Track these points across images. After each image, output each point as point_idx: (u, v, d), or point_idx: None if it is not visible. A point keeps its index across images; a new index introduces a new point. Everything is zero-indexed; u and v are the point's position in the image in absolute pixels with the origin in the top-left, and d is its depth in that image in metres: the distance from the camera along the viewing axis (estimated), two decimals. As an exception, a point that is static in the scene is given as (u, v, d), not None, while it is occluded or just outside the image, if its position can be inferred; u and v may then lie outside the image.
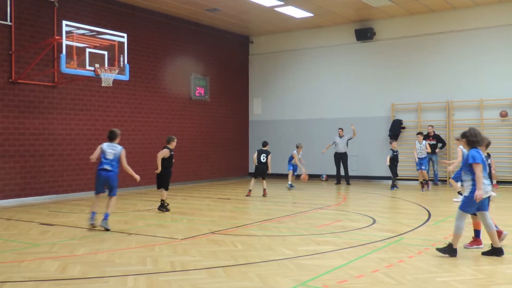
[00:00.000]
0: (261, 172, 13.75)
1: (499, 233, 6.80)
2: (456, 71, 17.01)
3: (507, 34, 16.24)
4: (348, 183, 17.17)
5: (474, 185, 6.38)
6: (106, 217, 8.57)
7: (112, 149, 8.73)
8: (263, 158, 13.70)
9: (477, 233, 6.98)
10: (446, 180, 16.95)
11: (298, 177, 16.44)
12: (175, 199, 13.42)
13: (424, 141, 15.32)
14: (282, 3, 15.85)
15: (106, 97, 15.16)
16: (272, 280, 5.46)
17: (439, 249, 6.58)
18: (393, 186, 15.60)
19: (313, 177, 19.38)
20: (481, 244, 6.87)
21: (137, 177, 9.04)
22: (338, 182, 17.43)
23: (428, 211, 10.71)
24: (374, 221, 9.38)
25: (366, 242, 7.43)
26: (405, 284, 5.29)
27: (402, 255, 6.60)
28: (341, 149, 17.16)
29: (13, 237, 8.10)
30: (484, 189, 6.38)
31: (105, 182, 8.69)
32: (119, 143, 8.98)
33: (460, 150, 11.33)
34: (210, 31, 19.04)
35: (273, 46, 20.71)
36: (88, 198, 13.19)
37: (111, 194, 8.77)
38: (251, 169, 20.80)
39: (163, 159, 10.95)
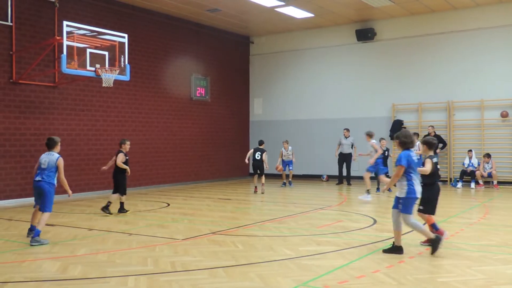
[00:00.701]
0: (258, 168, 14.71)
1: (440, 233, 6.90)
2: (456, 72, 17.01)
3: (508, 34, 16.23)
4: (349, 184, 17.17)
5: (408, 186, 6.58)
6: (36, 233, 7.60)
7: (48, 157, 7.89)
8: (257, 155, 14.70)
9: (434, 226, 7.12)
10: (446, 181, 16.95)
11: (299, 177, 16.44)
12: (175, 199, 13.43)
13: (417, 142, 14.22)
14: (282, 3, 15.85)
15: (107, 98, 15.17)
16: (273, 281, 5.46)
17: (385, 251, 6.77)
18: (378, 188, 14.68)
19: (314, 177, 19.39)
20: (443, 233, 6.91)
21: (70, 192, 8.09)
22: (340, 182, 17.43)
23: (428, 211, 10.68)
24: (375, 222, 9.38)
25: (367, 243, 7.42)
26: (405, 285, 5.29)
27: (403, 255, 6.60)
28: (346, 149, 17.12)
29: (14, 238, 8.11)
30: (418, 189, 6.62)
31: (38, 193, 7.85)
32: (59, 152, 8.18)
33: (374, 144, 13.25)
34: (211, 31, 19.04)
35: (274, 46, 20.72)
36: (88, 198, 13.20)
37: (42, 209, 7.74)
38: (252, 169, 20.80)
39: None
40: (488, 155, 15.65)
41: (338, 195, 14.57)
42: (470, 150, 16.13)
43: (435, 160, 7.14)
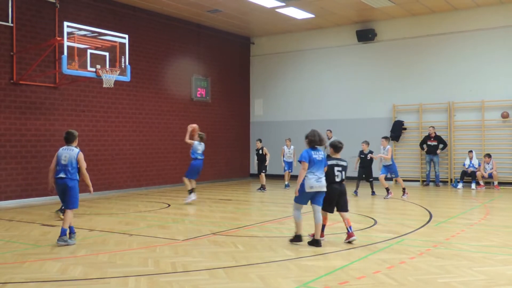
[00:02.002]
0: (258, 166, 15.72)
1: (350, 236, 7.42)
2: (457, 72, 17.01)
3: (508, 35, 16.23)
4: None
5: (303, 180, 7.19)
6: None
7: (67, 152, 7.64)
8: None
9: (322, 228, 7.56)
10: (447, 181, 16.94)
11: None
12: (176, 200, 13.43)
13: (388, 146, 13.73)
14: (283, 4, 15.85)
15: (108, 98, 15.17)
16: (274, 281, 5.46)
17: (291, 240, 7.41)
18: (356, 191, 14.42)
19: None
20: (353, 236, 7.42)
21: (91, 189, 7.85)
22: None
23: (429, 212, 10.70)
24: (375, 222, 9.38)
25: (368, 243, 7.42)
26: (406, 285, 5.29)
27: (404, 256, 6.60)
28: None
29: (15, 238, 8.11)
30: (309, 184, 7.14)
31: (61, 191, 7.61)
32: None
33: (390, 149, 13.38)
34: (211, 32, 19.05)
35: (274, 47, 20.72)
36: (89, 199, 13.19)
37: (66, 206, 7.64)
38: (252, 170, 20.80)
39: None
40: (488, 156, 15.65)
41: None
42: (471, 151, 16.13)
43: (332, 162, 7.58)
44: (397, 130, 17.74)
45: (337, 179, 7.52)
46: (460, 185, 15.84)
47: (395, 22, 18.06)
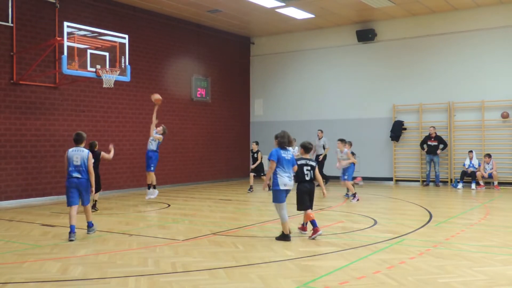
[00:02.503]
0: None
1: (315, 231, 7.75)
2: (457, 72, 17.01)
3: (509, 35, 16.23)
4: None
5: (274, 179, 7.58)
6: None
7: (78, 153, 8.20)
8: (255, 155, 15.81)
9: (313, 223, 7.82)
10: (447, 181, 16.95)
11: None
12: (176, 200, 13.43)
13: (345, 150, 13.11)
14: (283, 4, 15.85)
15: (108, 98, 15.18)
16: (274, 281, 5.46)
17: (277, 238, 7.68)
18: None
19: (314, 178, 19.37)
20: (319, 230, 7.74)
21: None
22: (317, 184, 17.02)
23: (429, 212, 10.70)
24: (376, 222, 9.38)
25: (368, 243, 7.42)
26: (406, 286, 5.29)
27: (404, 256, 6.60)
28: (319, 151, 16.82)
29: (15, 238, 8.11)
30: (282, 181, 7.53)
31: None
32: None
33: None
34: (211, 32, 19.05)
35: (274, 47, 20.72)
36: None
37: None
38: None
39: None
40: (488, 156, 15.65)
41: (339, 196, 14.55)
42: (471, 151, 16.13)
43: (301, 162, 7.93)
44: (397, 130, 17.75)
45: (307, 178, 7.91)
46: (460, 185, 15.84)
47: (395, 22, 18.06)
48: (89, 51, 11.98)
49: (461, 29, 16.92)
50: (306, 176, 7.90)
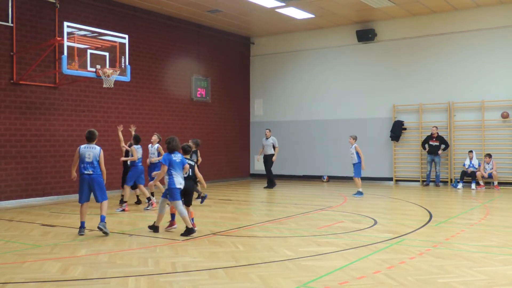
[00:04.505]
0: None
1: (171, 224, 8.65)
2: (457, 72, 17.00)
3: (509, 35, 16.23)
4: (271, 186, 16.36)
5: (169, 179, 8.20)
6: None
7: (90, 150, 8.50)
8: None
9: (172, 216, 8.67)
10: (447, 181, 16.94)
11: (300, 177, 16.33)
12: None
13: (353, 145, 13.70)
14: (283, 4, 15.85)
15: (107, 98, 15.17)
16: (273, 281, 5.46)
17: (182, 234, 8.16)
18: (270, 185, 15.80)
19: (314, 178, 19.38)
20: (175, 224, 8.64)
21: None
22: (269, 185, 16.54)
23: (429, 212, 10.70)
24: (375, 222, 9.38)
25: (368, 243, 7.42)
26: (406, 285, 5.29)
27: (404, 256, 6.60)
28: (268, 150, 16.35)
29: (15, 238, 8.11)
30: (178, 181, 8.22)
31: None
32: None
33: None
34: (211, 32, 19.05)
35: (274, 47, 20.72)
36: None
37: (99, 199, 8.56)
38: (252, 170, 20.82)
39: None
40: (489, 155, 15.64)
41: (339, 196, 14.56)
42: (471, 151, 16.12)
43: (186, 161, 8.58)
44: (397, 130, 17.74)
45: (185, 175, 8.57)
46: (460, 185, 15.84)
47: (395, 22, 18.05)
48: (89, 51, 11.97)
49: (461, 29, 16.92)
50: (185, 174, 8.60)
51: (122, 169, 12.63)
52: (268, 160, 16.37)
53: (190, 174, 8.75)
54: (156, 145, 12.44)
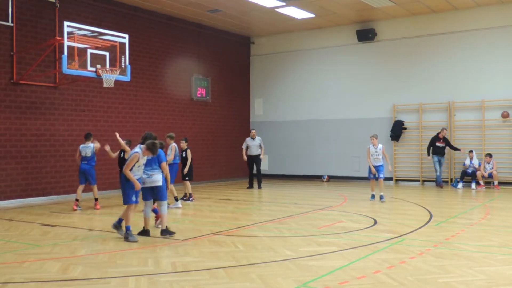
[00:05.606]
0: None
1: (157, 218, 8.78)
2: (457, 72, 17.00)
3: (509, 35, 16.22)
4: (259, 187, 16.36)
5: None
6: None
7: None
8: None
9: (154, 211, 8.83)
10: (447, 181, 16.94)
11: (300, 177, 16.30)
12: (176, 200, 13.40)
13: (380, 145, 12.75)
14: (283, 4, 15.85)
15: (108, 98, 15.17)
16: (273, 281, 5.46)
17: (163, 235, 8.17)
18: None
19: (314, 178, 19.38)
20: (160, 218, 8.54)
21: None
22: (251, 186, 16.55)
23: (429, 212, 10.70)
24: (376, 222, 9.38)
25: (368, 243, 7.42)
26: (406, 285, 5.29)
27: (404, 256, 6.60)
28: (254, 151, 16.24)
29: (15, 238, 8.11)
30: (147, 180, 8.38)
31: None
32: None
33: (174, 147, 12.15)
34: (212, 32, 19.05)
35: (275, 47, 20.71)
36: (89, 199, 13.18)
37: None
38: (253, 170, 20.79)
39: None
40: (489, 155, 15.63)
41: (339, 195, 14.56)
42: (471, 151, 16.11)
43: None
44: (397, 130, 17.74)
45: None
46: (460, 185, 15.83)
47: (395, 22, 18.05)
48: (89, 50, 11.97)
49: (462, 28, 16.91)
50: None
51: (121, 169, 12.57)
52: (257, 161, 16.30)
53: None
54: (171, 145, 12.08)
